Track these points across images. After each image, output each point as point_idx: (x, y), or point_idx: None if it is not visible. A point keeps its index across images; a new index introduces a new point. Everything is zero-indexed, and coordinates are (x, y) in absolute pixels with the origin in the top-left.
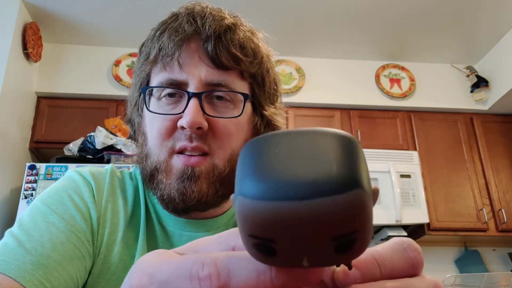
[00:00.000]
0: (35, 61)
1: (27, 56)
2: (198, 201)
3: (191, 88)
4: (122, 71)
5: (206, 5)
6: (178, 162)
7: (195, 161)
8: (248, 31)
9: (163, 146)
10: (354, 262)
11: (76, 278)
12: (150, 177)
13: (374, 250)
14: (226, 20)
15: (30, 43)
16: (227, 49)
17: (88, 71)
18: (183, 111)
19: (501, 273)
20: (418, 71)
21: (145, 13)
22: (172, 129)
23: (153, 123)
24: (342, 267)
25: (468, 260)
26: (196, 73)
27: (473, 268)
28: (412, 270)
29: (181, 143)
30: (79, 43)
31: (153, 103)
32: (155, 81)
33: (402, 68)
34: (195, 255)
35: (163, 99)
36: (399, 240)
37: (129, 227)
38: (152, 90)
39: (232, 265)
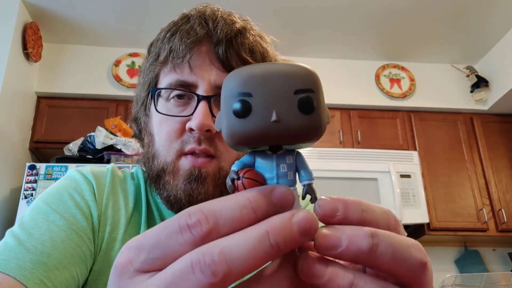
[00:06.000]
0: (35, 61)
1: (27, 56)
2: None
3: (201, 91)
4: (122, 71)
5: (217, 8)
6: (185, 163)
7: (202, 162)
8: (257, 35)
9: (171, 148)
10: (338, 197)
11: (77, 276)
12: (157, 178)
13: (360, 200)
14: (236, 24)
15: (30, 43)
16: (238, 53)
17: (88, 71)
18: (192, 114)
19: (501, 273)
20: (418, 71)
21: (145, 13)
22: (181, 131)
23: (161, 125)
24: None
25: (468, 260)
26: (206, 76)
27: (473, 268)
28: None
29: (189, 146)
30: (79, 43)
31: (162, 104)
32: (164, 82)
33: (402, 68)
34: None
35: (171, 100)
36: (381, 206)
37: (130, 225)
38: (161, 91)
39: (216, 208)
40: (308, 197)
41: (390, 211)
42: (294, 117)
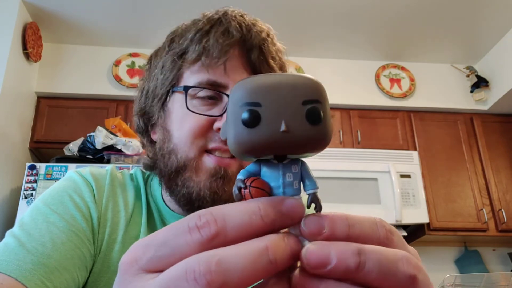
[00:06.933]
0: (35, 61)
1: (27, 56)
2: (226, 202)
3: None
4: (122, 71)
5: (244, 13)
6: (209, 161)
7: (228, 162)
8: (276, 43)
9: (194, 144)
10: (325, 214)
11: (77, 277)
12: (175, 174)
13: (348, 214)
14: (264, 31)
15: (30, 43)
16: (266, 59)
17: (88, 71)
18: (222, 114)
19: (501, 273)
20: (418, 71)
21: (145, 13)
22: (206, 129)
23: (184, 120)
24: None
25: (468, 260)
26: (238, 78)
27: (473, 268)
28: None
29: (214, 144)
30: (79, 43)
31: (186, 101)
32: (191, 80)
33: (402, 68)
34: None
35: (198, 98)
36: (370, 216)
37: (130, 227)
38: (188, 88)
39: (226, 212)
40: (313, 205)
41: (381, 221)
42: (302, 127)
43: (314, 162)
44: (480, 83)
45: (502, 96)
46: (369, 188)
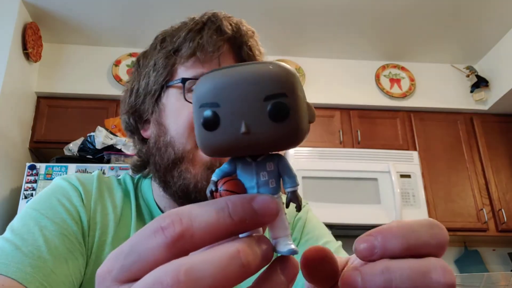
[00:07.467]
0: (35, 61)
1: (27, 56)
2: None
3: None
4: (122, 71)
5: (230, 15)
6: None
7: None
8: (259, 43)
9: (191, 136)
10: (377, 230)
11: (72, 280)
12: (172, 166)
13: (399, 220)
14: (250, 30)
15: (30, 43)
16: (255, 56)
17: (88, 71)
18: None
19: (501, 273)
20: (418, 71)
21: (144, 13)
22: None
23: (181, 113)
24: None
25: (468, 260)
26: None
27: (473, 268)
28: (437, 249)
29: None
30: (79, 43)
31: (178, 94)
32: (187, 74)
33: (402, 68)
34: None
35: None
36: (426, 218)
37: (120, 229)
38: (186, 80)
39: (192, 211)
40: (293, 204)
41: (436, 223)
42: (265, 127)
43: (314, 162)
44: (480, 83)
45: (502, 96)
46: (369, 188)
